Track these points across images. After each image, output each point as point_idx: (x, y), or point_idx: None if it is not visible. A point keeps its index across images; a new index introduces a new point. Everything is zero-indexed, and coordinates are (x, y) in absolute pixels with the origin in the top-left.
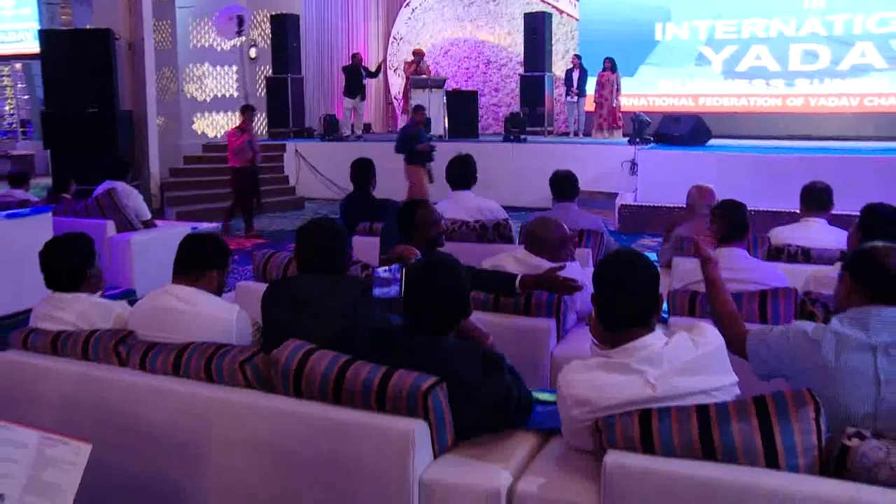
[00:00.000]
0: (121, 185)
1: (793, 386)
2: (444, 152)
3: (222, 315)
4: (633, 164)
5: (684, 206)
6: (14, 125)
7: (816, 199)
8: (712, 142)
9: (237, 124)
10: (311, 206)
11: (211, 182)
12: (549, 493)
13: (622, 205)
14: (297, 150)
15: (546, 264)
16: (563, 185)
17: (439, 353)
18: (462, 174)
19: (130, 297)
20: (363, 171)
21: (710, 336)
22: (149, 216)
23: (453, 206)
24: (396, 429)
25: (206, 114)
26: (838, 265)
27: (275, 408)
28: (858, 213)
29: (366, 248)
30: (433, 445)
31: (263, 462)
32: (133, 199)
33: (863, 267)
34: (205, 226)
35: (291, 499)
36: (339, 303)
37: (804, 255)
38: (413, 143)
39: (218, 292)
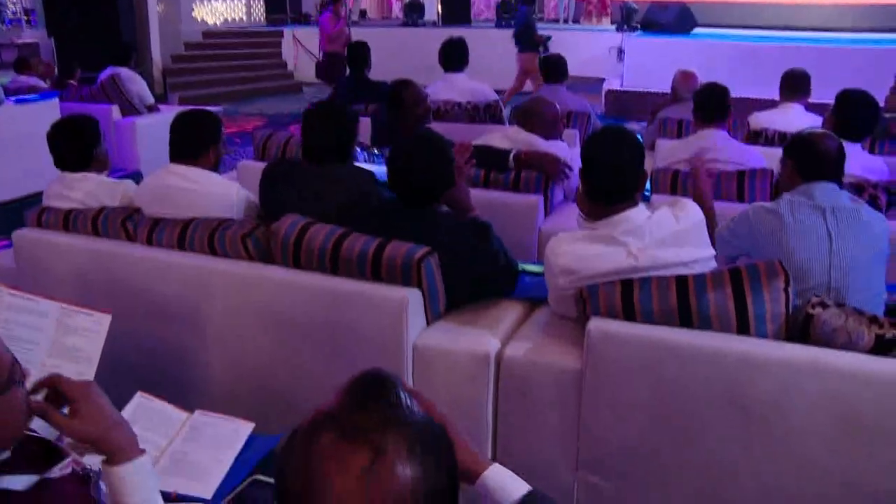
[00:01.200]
0: (124, 71)
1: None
2: (438, 38)
3: (222, 191)
4: (620, 50)
5: (669, 91)
6: (17, 14)
7: (795, 85)
8: (697, 30)
9: (331, 11)
10: (309, 91)
11: (213, 68)
12: (534, 357)
13: (609, 90)
14: (294, 36)
15: (538, 140)
16: (553, 68)
17: (429, 223)
18: (455, 57)
19: (137, 178)
20: (359, 53)
21: (690, 211)
22: (152, 101)
23: (446, 87)
24: (391, 297)
25: (206, 1)
26: None
27: (275, 278)
28: (834, 101)
29: (361, 128)
30: (426, 313)
31: (266, 329)
32: (137, 84)
33: (802, 151)
34: (211, 109)
35: (293, 363)
36: (343, 191)
37: (781, 139)
38: (531, 32)
39: (215, 167)
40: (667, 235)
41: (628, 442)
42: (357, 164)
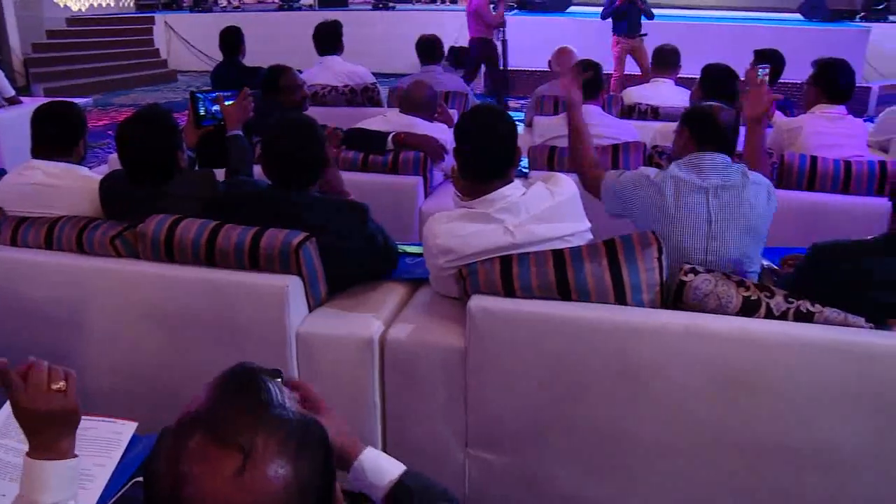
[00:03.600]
0: None
1: (638, 227)
2: (316, 21)
3: (88, 186)
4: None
5: (547, 69)
6: None
7: (665, 61)
8: (573, 8)
9: None
10: (184, 79)
11: (79, 57)
12: (418, 337)
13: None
14: (166, 23)
15: (418, 122)
16: (429, 49)
17: (305, 207)
18: (329, 40)
19: (1, 175)
20: (232, 39)
21: (564, 186)
22: (12, 93)
23: (323, 71)
24: (271, 285)
25: None
26: None
27: (152, 273)
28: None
29: None
30: (308, 299)
31: (147, 327)
32: None
33: (698, 121)
34: (80, 101)
35: (178, 358)
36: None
37: (653, 113)
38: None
39: (81, 161)
40: (542, 211)
41: (515, 415)
42: (201, 108)
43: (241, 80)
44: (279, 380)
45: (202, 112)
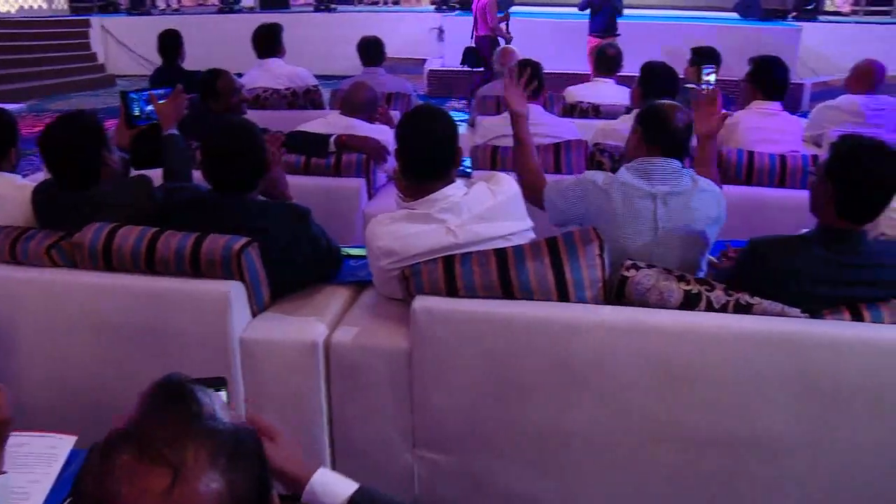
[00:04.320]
0: None
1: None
2: (257, 24)
3: (22, 195)
4: (441, 30)
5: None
6: None
7: (606, 62)
8: (515, 8)
9: None
10: (123, 84)
11: (10, 61)
12: (363, 340)
13: (430, 70)
14: (102, 26)
15: (360, 124)
16: (370, 50)
17: (246, 211)
18: (270, 42)
19: None
20: (171, 42)
21: (506, 185)
22: None
23: (263, 74)
24: (213, 291)
25: None
26: (623, 118)
27: (89, 283)
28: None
29: None
30: (251, 304)
31: (85, 338)
32: None
33: (652, 122)
34: (11, 107)
35: (119, 369)
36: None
37: (594, 111)
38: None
39: (13, 169)
40: (484, 210)
41: (461, 415)
42: (134, 109)
43: (182, 84)
44: (222, 390)
45: (135, 112)
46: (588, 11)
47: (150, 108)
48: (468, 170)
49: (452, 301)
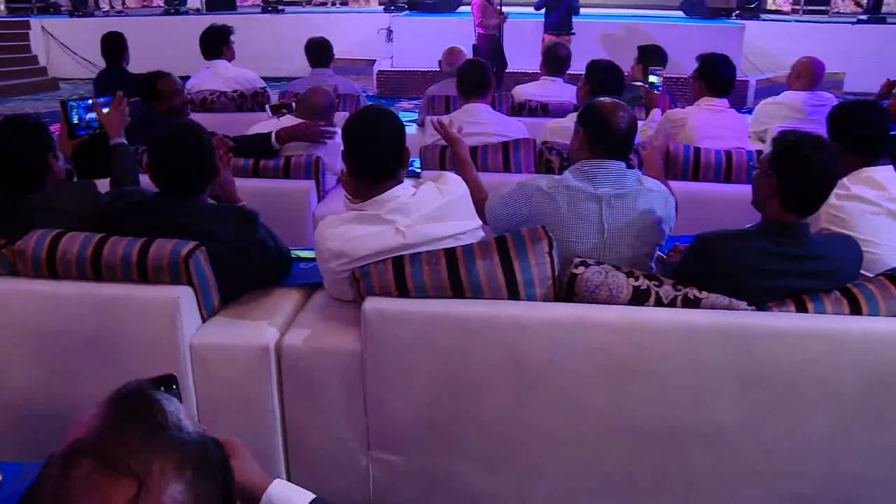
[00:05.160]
0: None
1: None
2: (203, 26)
3: None
4: (389, 31)
5: (438, 69)
6: None
7: (555, 62)
8: (462, 9)
9: None
10: (66, 87)
11: None
12: (315, 343)
13: (380, 70)
14: (43, 28)
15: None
16: (318, 51)
17: (193, 215)
18: (217, 44)
19: None
20: (115, 44)
21: (454, 185)
22: None
23: (210, 76)
24: (161, 297)
25: None
26: (571, 116)
27: (33, 291)
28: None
29: None
30: (200, 309)
31: (29, 349)
32: None
33: (593, 123)
34: None
35: (65, 380)
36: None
37: (543, 110)
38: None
39: None
40: (433, 210)
41: (415, 415)
42: (73, 118)
43: (126, 87)
44: (174, 387)
45: (75, 121)
46: (543, 11)
47: (90, 115)
48: (417, 170)
49: (403, 302)
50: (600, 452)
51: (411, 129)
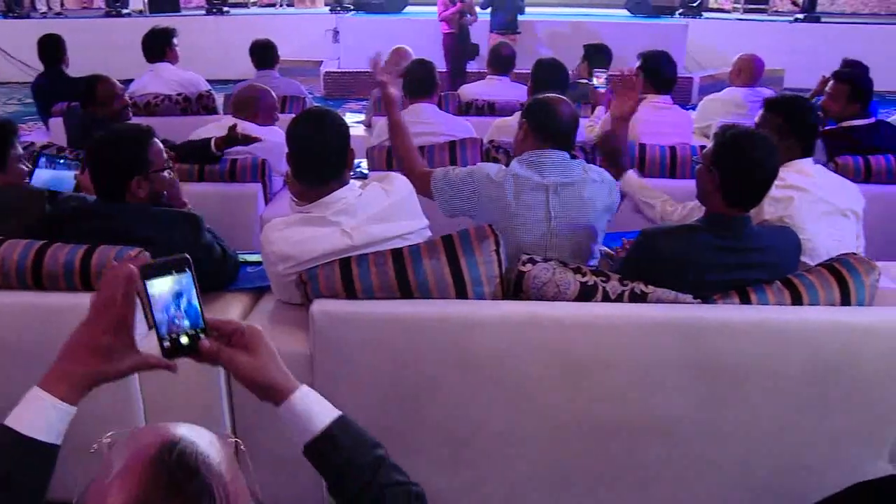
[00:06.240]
0: None
1: (477, 224)
2: (145, 26)
3: None
4: (336, 31)
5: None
6: None
7: (500, 61)
8: (409, 9)
9: None
10: (2, 91)
11: None
12: None
13: (326, 72)
14: None
15: (253, 127)
16: (263, 53)
17: (136, 220)
18: (160, 47)
19: None
20: (52, 47)
21: (399, 185)
22: None
23: (154, 79)
24: None
25: None
26: (517, 115)
27: None
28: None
29: (61, 129)
30: (146, 317)
31: None
32: None
33: (538, 115)
34: None
35: (8, 394)
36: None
37: (490, 108)
38: None
39: None
40: (379, 211)
41: (366, 416)
42: (39, 169)
43: (65, 91)
44: (186, 271)
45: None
46: (489, 10)
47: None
48: (365, 171)
49: (351, 303)
50: (554, 447)
51: (359, 131)
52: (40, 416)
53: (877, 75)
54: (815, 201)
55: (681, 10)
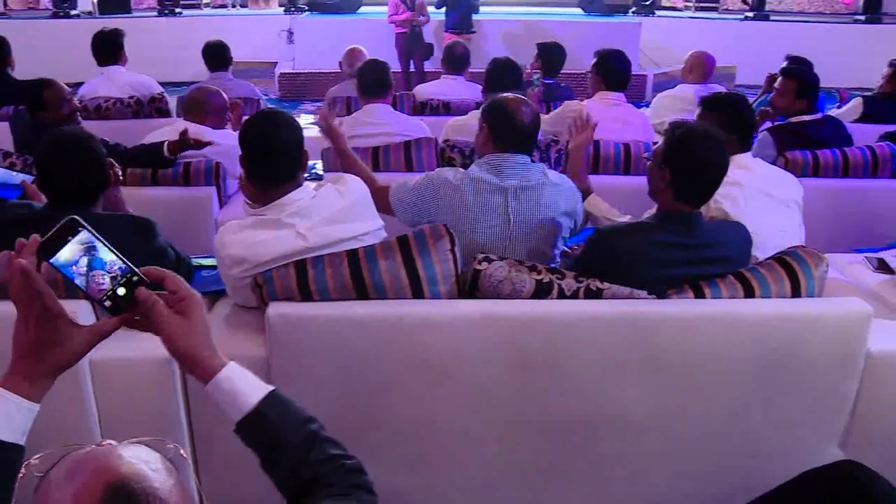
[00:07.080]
0: None
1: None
2: (95, 28)
3: None
4: (290, 32)
5: (339, 69)
6: None
7: (454, 60)
8: (364, 9)
9: None
10: None
11: None
12: (219, 350)
13: (281, 73)
14: None
15: (206, 130)
16: (215, 55)
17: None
18: (110, 49)
19: None
20: None
21: (353, 185)
22: None
23: (104, 83)
24: None
25: None
26: (472, 113)
27: None
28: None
29: (5, 133)
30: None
31: None
32: None
33: (497, 119)
34: None
35: None
36: None
37: (445, 108)
38: None
39: None
40: (334, 212)
41: (325, 418)
42: None
43: (11, 95)
44: (81, 231)
45: None
46: (444, 10)
47: None
48: (320, 172)
49: (307, 305)
50: (513, 445)
51: (313, 132)
52: (1, 414)
53: (822, 72)
54: (756, 195)
55: (634, 9)
